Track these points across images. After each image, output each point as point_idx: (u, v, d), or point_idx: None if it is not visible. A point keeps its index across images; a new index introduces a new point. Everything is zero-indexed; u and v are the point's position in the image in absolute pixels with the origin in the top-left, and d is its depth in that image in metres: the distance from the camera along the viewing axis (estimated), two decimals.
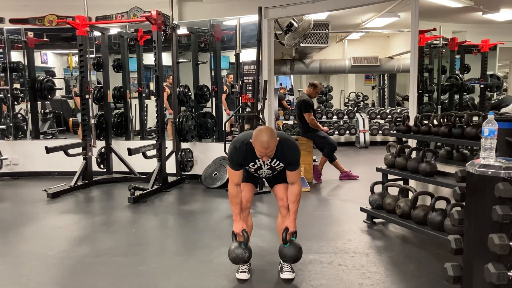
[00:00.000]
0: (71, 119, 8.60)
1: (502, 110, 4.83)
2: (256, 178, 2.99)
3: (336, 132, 9.61)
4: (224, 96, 7.12)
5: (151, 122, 8.12)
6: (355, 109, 10.61)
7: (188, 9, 6.97)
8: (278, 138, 2.63)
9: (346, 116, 9.83)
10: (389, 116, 9.87)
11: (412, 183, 4.01)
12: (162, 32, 5.44)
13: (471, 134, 3.32)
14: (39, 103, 7.26)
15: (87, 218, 4.58)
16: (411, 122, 4.08)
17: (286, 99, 11.66)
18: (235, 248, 2.80)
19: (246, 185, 2.91)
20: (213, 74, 6.45)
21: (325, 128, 6.20)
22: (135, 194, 4.93)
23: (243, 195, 2.87)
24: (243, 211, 2.90)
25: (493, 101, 6.31)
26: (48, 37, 7.33)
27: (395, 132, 4.17)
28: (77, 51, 5.72)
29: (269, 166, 2.78)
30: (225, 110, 7.30)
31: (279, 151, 2.68)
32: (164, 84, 6.79)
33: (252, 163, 2.77)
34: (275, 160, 2.74)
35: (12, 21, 6.81)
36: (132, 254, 3.43)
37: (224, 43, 6.77)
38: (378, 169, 4.12)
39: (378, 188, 4.07)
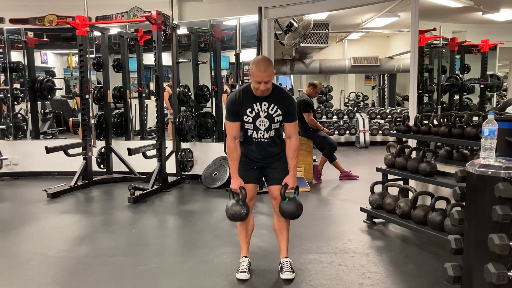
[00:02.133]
0: (71, 119, 8.60)
1: (507, 110, 4.84)
2: (257, 176, 2.97)
3: (336, 132, 9.62)
4: (224, 96, 7.11)
5: (151, 122, 8.11)
6: (355, 109, 10.61)
7: (188, 9, 6.97)
8: (274, 72, 2.71)
9: (346, 116, 9.83)
10: (389, 116, 9.87)
11: (412, 183, 4.01)
12: (162, 32, 5.44)
13: (471, 134, 3.32)
14: (39, 103, 7.26)
15: (87, 218, 4.58)
16: (411, 122, 4.09)
17: None
18: (233, 205, 2.76)
19: (248, 185, 2.89)
20: (213, 74, 6.45)
21: (326, 129, 6.20)
22: (135, 194, 4.93)
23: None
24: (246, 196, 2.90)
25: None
26: (48, 37, 7.32)
27: (395, 132, 4.17)
28: (77, 51, 5.72)
29: (266, 113, 2.76)
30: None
31: (276, 95, 2.75)
32: (166, 84, 6.79)
33: (250, 109, 2.75)
34: (272, 105, 2.75)
35: (12, 21, 6.80)
36: (132, 254, 3.43)
37: (224, 43, 6.76)
38: (378, 169, 4.12)
39: (378, 188, 4.07)
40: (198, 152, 6.12)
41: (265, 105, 2.75)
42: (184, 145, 6.00)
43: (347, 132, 9.62)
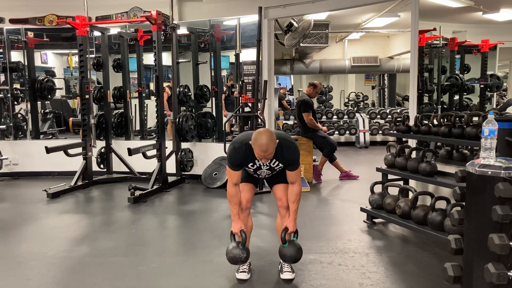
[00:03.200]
0: (71, 119, 8.59)
1: (507, 110, 4.84)
2: (256, 178, 2.99)
3: (336, 132, 9.62)
4: (223, 96, 7.12)
5: (151, 122, 8.11)
6: (355, 109, 10.62)
7: (188, 9, 6.97)
8: (277, 141, 2.62)
9: (346, 116, 9.83)
10: (389, 116, 9.88)
11: (412, 183, 4.01)
12: (162, 32, 5.43)
13: (471, 134, 3.32)
14: (39, 103, 7.26)
15: (87, 218, 4.58)
16: (411, 122, 4.09)
17: (286, 99, 11.67)
18: (233, 248, 2.79)
19: (246, 185, 2.91)
20: (213, 74, 6.45)
21: (324, 128, 6.19)
22: (135, 194, 4.93)
23: (243, 195, 2.87)
24: (243, 211, 2.90)
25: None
26: (48, 37, 7.32)
27: (395, 132, 4.17)
28: (77, 51, 5.72)
29: (268, 167, 2.79)
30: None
31: (278, 152, 2.68)
32: (166, 85, 6.78)
33: (251, 164, 2.77)
34: (274, 160, 2.74)
35: (12, 21, 6.81)
36: (132, 254, 3.43)
37: (224, 43, 6.76)
38: (378, 169, 4.12)
39: (378, 188, 4.07)
40: (198, 152, 6.12)
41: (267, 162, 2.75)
42: (184, 145, 6.00)
43: (347, 132, 9.62)
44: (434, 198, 3.37)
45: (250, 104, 5.27)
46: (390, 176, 4.06)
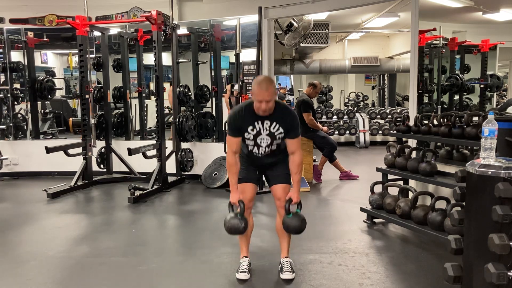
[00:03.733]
0: (71, 119, 8.60)
1: (507, 110, 4.84)
2: (257, 177, 2.98)
3: (336, 132, 9.62)
4: (226, 96, 7.13)
5: (151, 122, 8.11)
6: (355, 109, 10.62)
7: (188, 9, 6.97)
8: (276, 92, 2.69)
9: (346, 116, 9.83)
10: (389, 116, 9.87)
11: (412, 183, 4.01)
12: (162, 32, 5.43)
13: (471, 134, 3.32)
14: (39, 103, 7.26)
15: (87, 218, 4.58)
16: (411, 122, 4.08)
17: (286, 99, 11.67)
18: (231, 219, 2.76)
19: (248, 185, 2.90)
20: (213, 74, 6.45)
21: (325, 128, 6.19)
22: (135, 194, 4.93)
23: (245, 195, 2.85)
24: (244, 211, 2.90)
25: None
26: (48, 37, 7.32)
27: (395, 132, 4.17)
28: (77, 51, 5.72)
29: (268, 131, 2.77)
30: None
31: (278, 113, 2.74)
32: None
33: (251, 127, 2.76)
34: (274, 123, 2.75)
35: (12, 21, 6.81)
36: (132, 254, 3.43)
37: (224, 43, 6.76)
38: (378, 169, 4.12)
39: (378, 188, 4.07)
40: (198, 152, 6.12)
41: (267, 123, 2.75)
42: (184, 145, 6.00)
43: (347, 132, 9.62)
44: (434, 198, 3.37)
45: None
46: (390, 176, 4.06)
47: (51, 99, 7.46)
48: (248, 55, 6.27)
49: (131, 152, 5.09)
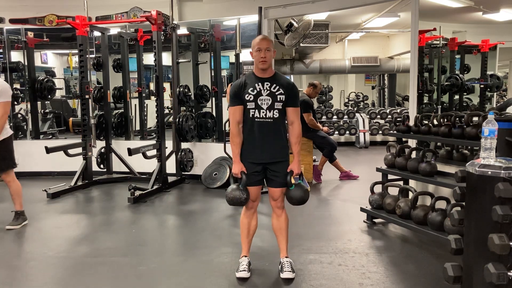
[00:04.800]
0: (71, 119, 8.60)
1: (507, 110, 4.84)
2: (260, 177, 2.94)
3: (336, 132, 9.62)
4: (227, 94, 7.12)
5: (151, 122, 8.11)
6: (355, 109, 10.62)
7: (188, 9, 6.97)
8: (273, 47, 2.83)
9: (346, 116, 9.83)
10: (389, 116, 9.88)
11: (412, 183, 4.01)
12: (162, 32, 5.43)
13: (471, 134, 3.32)
14: (39, 103, 7.26)
15: (87, 218, 4.58)
16: (411, 122, 4.09)
17: None
18: (233, 190, 2.78)
19: (251, 188, 2.86)
20: (213, 74, 6.45)
21: (325, 128, 6.19)
22: (135, 194, 4.93)
23: (250, 196, 2.85)
24: (248, 209, 2.91)
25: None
26: (48, 37, 7.32)
27: (395, 132, 4.17)
28: (77, 51, 5.72)
29: (268, 91, 2.78)
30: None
31: (278, 77, 2.83)
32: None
33: (252, 88, 2.78)
34: (275, 85, 2.78)
35: (12, 21, 6.81)
36: (132, 254, 3.43)
37: (224, 43, 6.76)
38: (378, 169, 4.12)
39: (378, 188, 4.07)
40: (198, 152, 6.12)
41: (267, 84, 2.78)
42: (184, 145, 6.00)
43: (347, 132, 9.62)
44: (434, 198, 3.37)
45: None
46: (390, 176, 4.06)
47: (51, 99, 7.46)
48: (248, 55, 6.24)
49: (131, 152, 5.09)
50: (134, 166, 5.99)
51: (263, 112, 2.78)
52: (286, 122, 2.89)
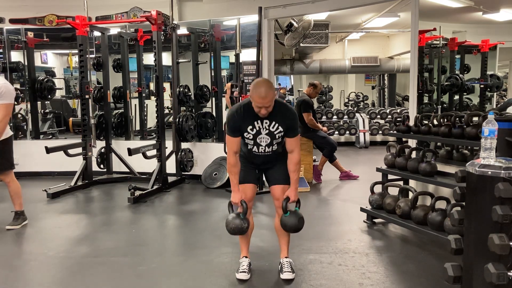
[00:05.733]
0: (71, 119, 8.59)
1: (507, 110, 4.85)
2: (257, 176, 2.97)
3: (336, 132, 9.62)
4: (227, 96, 7.14)
5: (151, 122, 8.12)
6: (355, 109, 10.61)
7: (188, 9, 6.97)
8: (275, 92, 2.66)
9: (346, 116, 9.83)
10: (389, 116, 9.87)
11: (412, 183, 4.01)
12: (162, 32, 5.43)
13: (471, 134, 3.32)
14: (39, 103, 7.26)
15: (87, 218, 4.58)
16: (411, 122, 4.09)
17: (286, 99, 11.67)
18: (233, 219, 2.73)
19: (247, 185, 2.89)
20: (213, 74, 6.45)
21: (325, 128, 6.20)
22: (135, 194, 4.93)
23: (244, 195, 2.85)
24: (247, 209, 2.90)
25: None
26: (48, 37, 7.32)
27: (395, 132, 4.17)
28: (77, 51, 5.72)
29: (267, 131, 2.75)
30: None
31: (277, 112, 2.70)
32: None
33: (251, 127, 2.73)
34: (273, 123, 2.73)
35: (12, 21, 6.81)
36: (132, 254, 3.43)
37: (224, 43, 6.76)
38: (378, 169, 4.12)
39: (378, 188, 4.07)
40: (198, 152, 6.12)
41: (266, 122, 2.73)
42: (184, 145, 6.00)
43: (347, 132, 9.62)
44: (434, 198, 3.37)
45: None
46: (390, 176, 4.06)
47: (51, 99, 7.46)
48: (248, 55, 6.27)
49: (131, 152, 5.09)
50: (134, 166, 5.99)
51: (261, 148, 2.81)
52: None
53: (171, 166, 5.73)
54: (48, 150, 5.20)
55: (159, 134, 5.51)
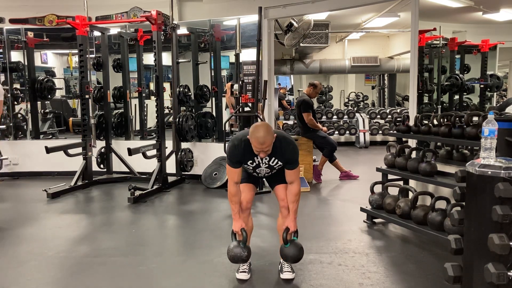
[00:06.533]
0: (71, 119, 8.59)
1: (507, 110, 4.84)
2: (257, 178, 2.99)
3: (336, 132, 9.61)
4: (227, 96, 7.16)
5: (151, 122, 8.12)
6: (355, 109, 10.61)
7: (188, 9, 6.97)
8: (275, 135, 2.64)
9: (346, 116, 9.82)
10: (389, 116, 9.87)
11: (412, 183, 4.01)
12: (162, 32, 5.43)
13: (471, 134, 3.32)
14: (39, 103, 7.26)
15: (87, 218, 4.58)
16: (411, 122, 4.09)
17: (286, 99, 11.67)
18: (234, 247, 2.79)
19: (247, 185, 2.90)
20: (213, 74, 6.45)
21: (324, 128, 6.20)
22: (135, 194, 4.93)
23: (244, 195, 2.86)
24: (243, 211, 2.89)
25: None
26: (48, 37, 7.32)
27: (395, 132, 4.17)
28: (77, 51, 5.72)
29: (267, 165, 2.78)
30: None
31: (277, 148, 2.69)
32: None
33: (251, 161, 2.77)
34: (273, 158, 2.74)
35: (12, 21, 6.81)
36: (132, 254, 3.43)
37: (224, 43, 6.76)
38: (378, 169, 4.12)
39: (378, 188, 4.07)
40: (198, 152, 6.12)
41: (265, 158, 2.75)
42: (184, 145, 6.00)
43: (347, 132, 9.62)
44: (434, 198, 3.37)
45: (250, 104, 5.27)
46: (390, 176, 4.06)
47: (51, 99, 7.46)
48: (248, 55, 6.27)
49: (131, 152, 5.09)
50: (134, 166, 5.99)
51: (261, 175, 2.91)
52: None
53: (171, 166, 5.73)
54: (48, 150, 5.21)
55: (159, 134, 5.51)
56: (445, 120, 3.67)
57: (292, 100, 12.46)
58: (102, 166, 6.11)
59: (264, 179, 3.09)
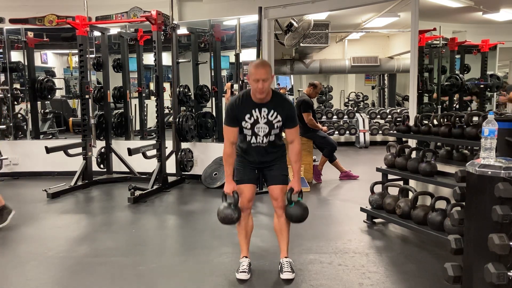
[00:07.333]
0: (71, 119, 8.59)
1: (507, 110, 4.86)
2: (256, 176, 2.97)
3: (336, 132, 9.62)
4: (227, 96, 7.14)
5: (151, 122, 8.11)
6: (355, 109, 10.61)
7: (188, 9, 6.97)
8: (273, 77, 2.75)
9: (346, 116, 9.83)
10: (389, 116, 9.87)
11: (412, 183, 4.01)
12: (162, 32, 5.43)
13: (471, 134, 3.32)
14: (39, 103, 7.26)
15: (87, 218, 4.58)
16: (411, 122, 4.09)
17: None
18: (224, 209, 2.79)
19: (247, 185, 2.90)
20: (213, 74, 6.45)
21: (324, 128, 6.20)
22: (135, 194, 4.93)
23: (244, 195, 2.86)
24: (243, 211, 2.90)
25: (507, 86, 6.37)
26: (48, 37, 7.32)
27: (395, 132, 4.17)
28: (77, 51, 5.72)
29: (266, 120, 2.75)
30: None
31: (275, 101, 2.75)
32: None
33: (248, 115, 2.75)
34: (272, 111, 2.74)
35: (12, 21, 6.81)
36: (132, 254, 3.43)
37: (224, 43, 6.76)
38: (378, 169, 4.12)
39: (378, 188, 4.07)
40: (198, 152, 6.12)
41: (264, 111, 2.74)
42: (184, 145, 6.00)
43: (347, 132, 9.62)
44: (434, 198, 3.37)
45: None
46: (390, 176, 4.06)
47: (51, 99, 7.46)
48: (248, 55, 6.27)
49: (131, 152, 5.09)
50: (134, 166, 5.99)
51: (259, 138, 2.81)
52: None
53: (171, 166, 5.73)
54: (48, 150, 5.21)
55: (159, 134, 5.51)
56: (445, 120, 3.67)
57: (292, 100, 12.46)
58: (102, 166, 6.11)
59: (263, 179, 3.08)
